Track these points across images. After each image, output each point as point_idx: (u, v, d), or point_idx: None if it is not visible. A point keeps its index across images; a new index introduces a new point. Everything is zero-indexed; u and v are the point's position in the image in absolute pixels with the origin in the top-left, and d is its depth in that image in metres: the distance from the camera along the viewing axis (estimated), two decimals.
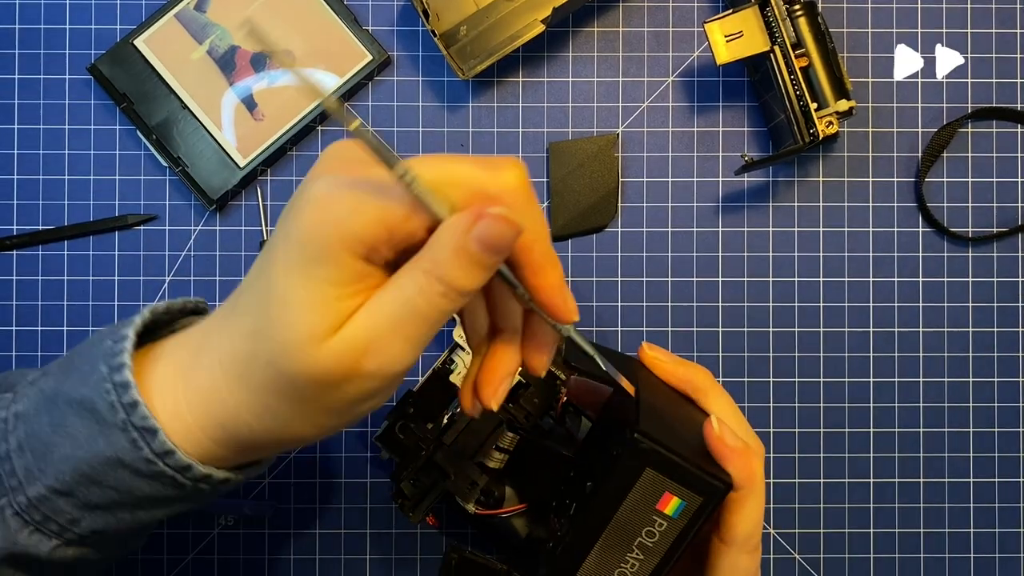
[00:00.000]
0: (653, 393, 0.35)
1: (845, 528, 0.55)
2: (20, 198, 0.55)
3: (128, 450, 0.30)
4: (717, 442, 0.33)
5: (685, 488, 0.31)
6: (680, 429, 0.34)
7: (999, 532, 0.55)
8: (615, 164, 0.55)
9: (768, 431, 0.55)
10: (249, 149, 0.54)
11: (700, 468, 0.31)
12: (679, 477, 0.31)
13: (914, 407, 0.55)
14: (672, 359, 0.38)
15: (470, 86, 0.56)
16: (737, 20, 0.50)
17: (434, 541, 0.55)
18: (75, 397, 0.31)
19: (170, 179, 0.56)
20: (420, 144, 0.56)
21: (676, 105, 0.56)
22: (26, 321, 0.55)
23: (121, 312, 0.55)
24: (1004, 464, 0.55)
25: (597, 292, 0.55)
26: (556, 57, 0.56)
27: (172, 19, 0.54)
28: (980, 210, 0.56)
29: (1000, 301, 0.56)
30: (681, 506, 0.31)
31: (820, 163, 0.56)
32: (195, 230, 0.56)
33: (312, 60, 0.54)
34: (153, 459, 0.30)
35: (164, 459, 0.30)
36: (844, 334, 0.56)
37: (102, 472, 0.31)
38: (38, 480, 0.31)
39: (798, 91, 0.50)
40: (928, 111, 0.56)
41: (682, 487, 0.31)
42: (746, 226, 0.56)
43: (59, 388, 0.31)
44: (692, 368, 0.38)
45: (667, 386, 0.38)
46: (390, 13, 0.56)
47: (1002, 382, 0.56)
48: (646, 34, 0.56)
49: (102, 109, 0.55)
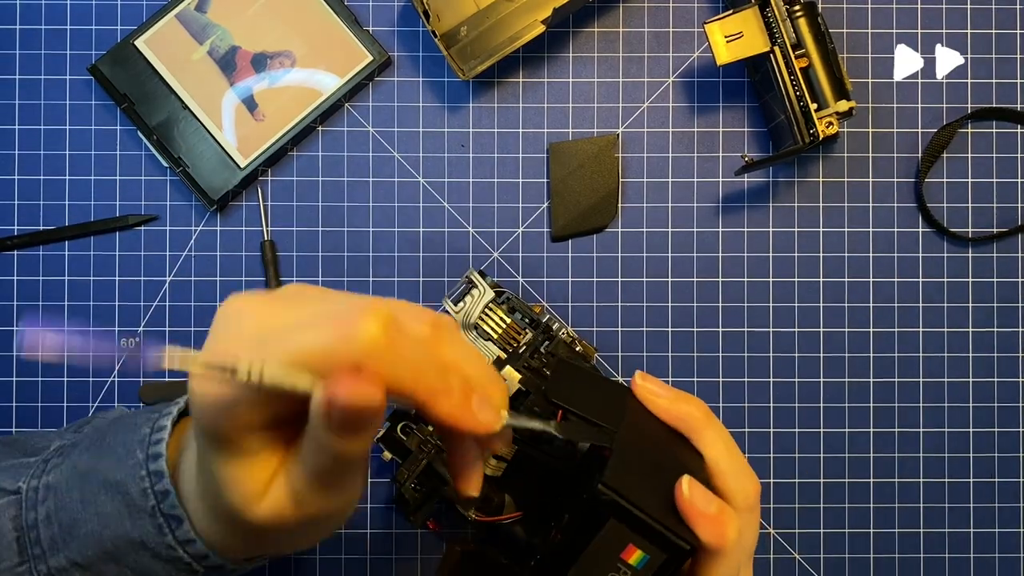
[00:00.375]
0: (639, 432, 0.34)
1: (845, 528, 0.55)
2: (21, 198, 0.55)
3: (153, 535, 0.32)
4: (687, 506, 0.32)
5: (648, 543, 0.31)
6: (659, 476, 0.33)
7: (999, 532, 0.55)
8: (615, 165, 0.55)
9: (768, 431, 0.55)
10: (250, 149, 0.54)
11: (665, 526, 0.31)
12: (642, 532, 0.31)
13: (914, 407, 0.55)
14: (667, 393, 0.36)
15: (470, 87, 0.56)
16: (737, 21, 0.50)
17: (434, 541, 0.55)
18: (109, 479, 0.32)
19: (171, 179, 0.56)
20: (420, 144, 0.56)
21: (676, 106, 0.56)
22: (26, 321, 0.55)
23: (121, 312, 0.55)
24: (1004, 464, 0.55)
25: (597, 292, 0.56)
26: (556, 58, 0.56)
27: (173, 20, 0.54)
28: (980, 210, 0.56)
29: (1000, 301, 0.56)
30: (645, 559, 0.31)
31: (820, 164, 0.56)
32: (196, 230, 0.56)
33: (312, 60, 0.54)
34: (175, 546, 0.32)
35: (185, 547, 0.32)
36: (844, 334, 0.56)
37: (124, 552, 0.32)
38: (61, 552, 0.33)
39: (798, 91, 0.50)
40: (928, 111, 0.56)
41: (645, 542, 0.31)
42: (746, 226, 0.56)
43: (93, 466, 0.33)
44: (686, 404, 0.36)
45: (659, 422, 0.36)
46: (390, 13, 0.56)
47: (1002, 382, 0.56)
48: (646, 35, 0.56)
49: (103, 109, 0.56)
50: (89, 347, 0.25)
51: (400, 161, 0.56)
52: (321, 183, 0.56)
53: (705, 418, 0.36)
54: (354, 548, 0.55)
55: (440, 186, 0.56)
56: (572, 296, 0.56)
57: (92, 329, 0.55)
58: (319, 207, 0.56)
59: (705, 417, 0.36)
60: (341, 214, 0.56)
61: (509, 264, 0.56)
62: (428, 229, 0.56)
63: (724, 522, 0.32)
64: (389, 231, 0.56)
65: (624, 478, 0.31)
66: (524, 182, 0.56)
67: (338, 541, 0.55)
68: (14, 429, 0.55)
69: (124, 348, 0.26)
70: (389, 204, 0.56)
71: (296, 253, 0.56)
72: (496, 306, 0.50)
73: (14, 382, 0.55)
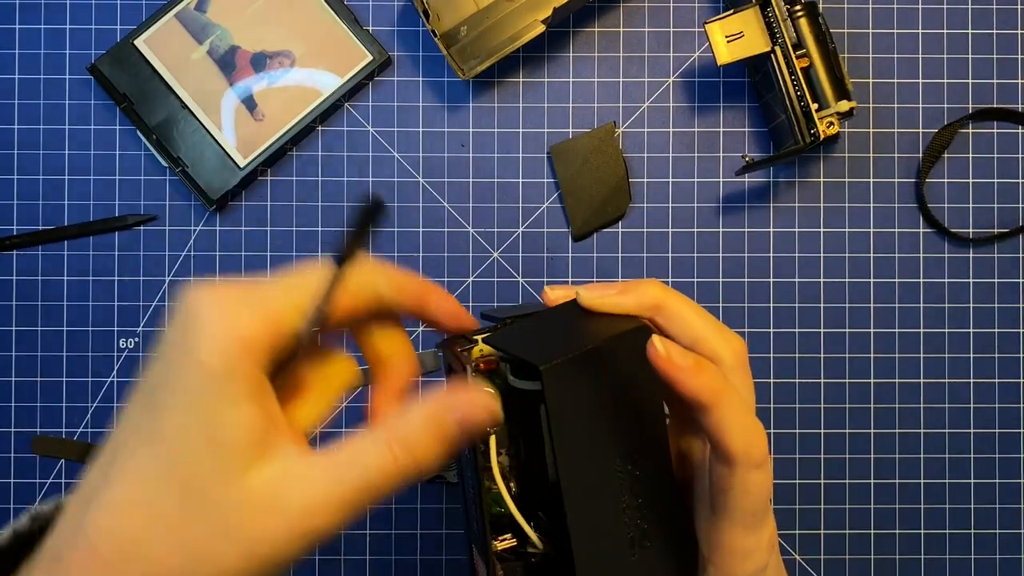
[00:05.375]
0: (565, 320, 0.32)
1: (845, 529, 0.55)
2: (20, 198, 0.55)
3: None
4: (665, 364, 0.29)
5: (616, 357, 0.29)
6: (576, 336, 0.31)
7: (999, 533, 0.55)
8: (618, 152, 0.55)
9: (768, 432, 0.55)
10: (249, 149, 0.54)
11: (605, 340, 0.29)
12: (602, 357, 0.29)
13: (915, 408, 0.55)
14: (613, 289, 0.33)
15: (470, 86, 0.56)
16: (738, 21, 0.50)
17: (435, 542, 0.55)
18: None
19: (170, 179, 0.56)
20: (420, 144, 0.56)
21: (677, 106, 0.56)
22: (26, 321, 0.55)
23: (121, 312, 0.55)
24: (1005, 465, 0.55)
25: None
26: (556, 58, 0.56)
27: (172, 19, 0.54)
28: (981, 211, 0.56)
29: (1001, 302, 0.56)
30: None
31: (821, 164, 0.56)
32: (195, 230, 0.56)
33: (312, 60, 0.54)
34: None
35: None
36: (844, 335, 0.56)
37: None
38: None
39: (799, 92, 0.50)
40: (928, 112, 0.56)
41: (613, 360, 0.29)
42: (747, 227, 0.56)
43: None
44: (636, 290, 0.33)
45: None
46: (390, 13, 0.56)
47: (1003, 383, 0.55)
48: (647, 35, 0.56)
49: (102, 109, 0.55)
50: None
51: (400, 161, 0.56)
52: (321, 183, 0.56)
53: (662, 292, 0.33)
54: (355, 549, 0.55)
55: (440, 186, 0.56)
56: None
57: (92, 329, 0.55)
58: (319, 207, 0.56)
59: (661, 291, 0.33)
60: (341, 214, 0.56)
61: (509, 264, 0.56)
62: (428, 229, 0.56)
63: (707, 371, 0.29)
64: (389, 231, 0.56)
65: (544, 347, 0.29)
66: (524, 182, 0.56)
67: (338, 541, 0.55)
68: (14, 429, 0.55)
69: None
70: (389, 204, 0.56)
71: (296, 253, 0.55)
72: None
73: (13, 382, 0.55)
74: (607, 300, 0.32)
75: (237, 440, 0.25)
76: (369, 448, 0.26)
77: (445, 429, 0.26)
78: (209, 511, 0.25)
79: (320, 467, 0.26)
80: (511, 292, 0.56)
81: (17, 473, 0.55)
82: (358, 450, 0.26)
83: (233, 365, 0.25)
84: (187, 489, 0.24)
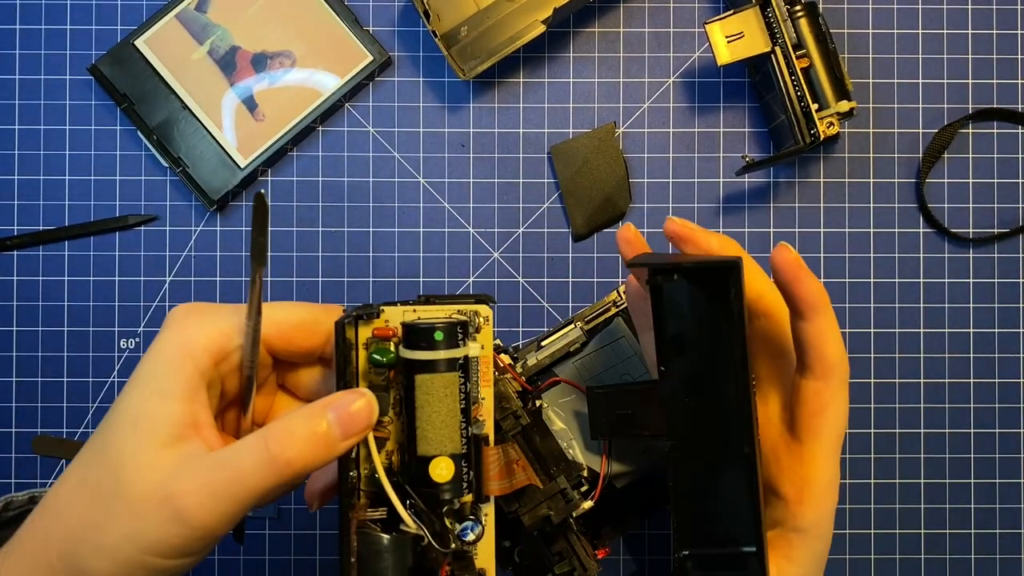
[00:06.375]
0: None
1: (846, 529, 0.55)
2: (21, 198, 0.55)
3: None
4: (795, 264, 0.32)
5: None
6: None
7: (1000, 533, 0.55)
8: (618, 153, 0.55)
9: None
10: (250, 149, 0.54)
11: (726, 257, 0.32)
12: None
13: (915, 408, 0.55)
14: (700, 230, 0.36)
15: (471, 87, 0.56)
16: (738, 21, 0.50)
17: None
18: None
19: (171, 179, 0.56)
20: (421, 144, 0.56)
21: (677, 106, 0.56)
22: (26, 321, 0.55)
23: (121, 312, 0.55)
24: (1005, 465, 0.55)
25: (598, 293, 0.55)
26: (557, 58, 0.56)
27: (173, 20, 0.54)
28: (981, 211, 0.56)
29: (1001, 302, 0.56)
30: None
31: (821, 164, 0.56)
32: (196, 230, 0.56)
33: (312, 60, 0.54)
34: None
35: None
36: (845, 335, 0.55)
37: None
38: None
39: (799, 92, 0.50)
40: (929, 112, 0.56)
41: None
42: (747, 227, 0.56)
43: None
44: (719, 236, 0.36)
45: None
46: (391, 13, 0.56)
47: (1003, 383, 0.55)
48: (647, 35, 0.56)
49: (103, 109, 0.55)
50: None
51: (400, 161, 0.56)
52: (321, 183, 0.56)
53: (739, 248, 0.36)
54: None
55: (440, 186, 0.56)
56: (573, 296, 0.56)
57: (92, 330, 0.55)
58: (319, 207, 0.56)
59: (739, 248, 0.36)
60: (341, 214, 0.56)
61: (509, 264, 0.56)
62: (428, 229, 0.56)
63: (817, 280, 0.33)
64: (389, 231, 0.56)
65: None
66: (524, 182, 0.56)
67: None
68: (14, 429, 0.55)
69: None
70: (389, 204, 0.56)
71: (296, 253, 0.55)
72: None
73: (14, 382, 0.55)
74: (697, 233, 0.36)
75: (156, 425, 0.29)
76: (249, 444, 0.29)
77: (321, 427, 0.29)
78: (118, 477, 0.29)
79: (207, 459, 0.29)
80: (511, 292, 0.56)
81: (18, 473, 0.55)
82: (239, 446, 0.29)
83: (174, 366, 0.29)
84: (109, 462, 0.29)
